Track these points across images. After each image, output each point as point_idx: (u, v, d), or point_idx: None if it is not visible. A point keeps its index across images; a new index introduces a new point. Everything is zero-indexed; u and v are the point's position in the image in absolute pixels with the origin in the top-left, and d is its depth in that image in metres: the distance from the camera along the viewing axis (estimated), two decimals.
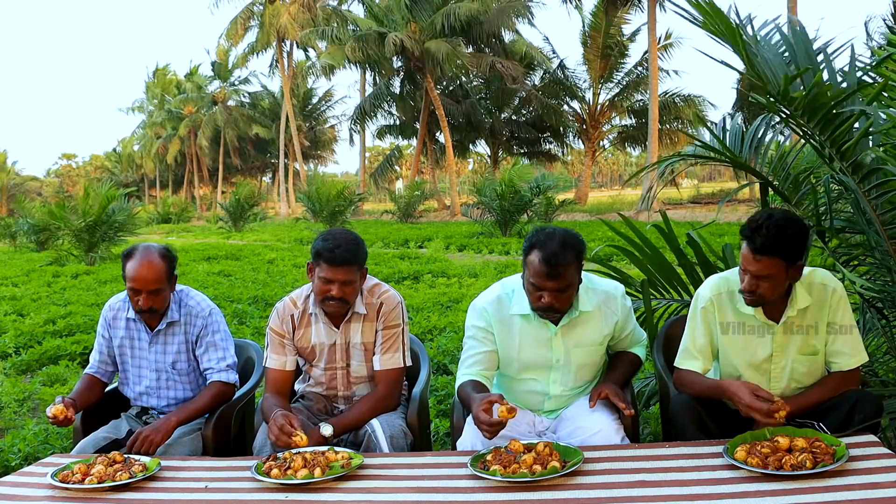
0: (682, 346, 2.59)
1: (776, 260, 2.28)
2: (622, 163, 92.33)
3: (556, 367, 2.64)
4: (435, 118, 31.89)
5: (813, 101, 2.61)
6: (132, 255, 2.84)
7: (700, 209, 24.03)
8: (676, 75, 60.41)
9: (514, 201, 18.99)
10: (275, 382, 2.79)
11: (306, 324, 2.81)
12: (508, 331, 2.63)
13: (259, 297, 8.94)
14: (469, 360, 2.65)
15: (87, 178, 67.05)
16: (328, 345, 2.80)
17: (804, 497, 1.84)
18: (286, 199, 44.78)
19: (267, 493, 2.14)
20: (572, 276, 2.47)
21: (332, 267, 2.60)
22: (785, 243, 2.27)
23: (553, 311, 2.52)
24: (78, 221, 15.34)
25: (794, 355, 2.46)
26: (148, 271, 2.78)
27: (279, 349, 2.81)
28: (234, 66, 48.57)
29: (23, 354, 6.42)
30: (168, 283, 2.86)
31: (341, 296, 2.64)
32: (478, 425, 2.30)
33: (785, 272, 2.32)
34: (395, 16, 29.50)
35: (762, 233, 2.26)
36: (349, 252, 2.61)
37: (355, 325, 2.79)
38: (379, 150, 64.03)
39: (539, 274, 2.44)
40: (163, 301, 2.86)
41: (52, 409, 2.63)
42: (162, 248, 2.88)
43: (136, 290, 2.80)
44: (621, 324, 2.70)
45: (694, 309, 2.57)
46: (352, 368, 2.82)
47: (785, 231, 2.26)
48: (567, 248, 2.44)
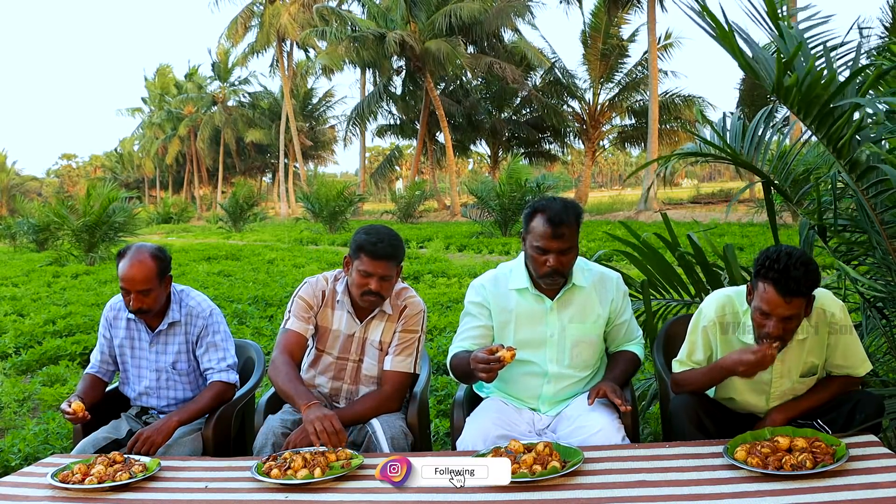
0: (680, 354, 2.58)
1: (803, 298, 2.23)
2: (622, 163, 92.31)
3: (550, 342, 2.66)
4: (435, 118, 31.87)
5: (808, 93, 2.57)
6: (124, 254, 2.84)
7: (700, 209, 24.04)
8: (676, 76, 60.41)
9: (513, 200, 18.99)
10: (291, 345, 2.76)
11: (331, 305, 2.82)
12: (505, 306, 2.68)
13: (259, 297, 8.94)
14: (463, 335, 2.71)
15: (88, 178, 67.10)
16: (346, 335, 2.81)
17: (804, 497, 1.83)
18: (286, 200, 44.78)
19: (267, 493, 2.14)
20: (574, 238, 2.54)
21: (373, 260, 2.63)
22: (813, 281, 2.22)
23: (558, 275, 2.56)
24: (78, 221, 15.34)
25: (795, 377, 2.44)
26: (137, 271, 2.78)
27: (304, 315, 2.80)
28: (233, 66, 48.55)
29: (23, 354, 6.42)
30: (159, 283, 2.84)
31: (378, 290, 2.66)
32: (475, 367, 2.33)
33: (805, 307, 2.28)
34: (395, 15, 29.49)
35: (793, 274, 2.17)
36: (391, 247, 2.66)
37: (377, 323, 2.80)
38: (379, 150, 64.10)
39: (544, 235, 2.50)
40: (154, 301, 2.84)
41: (72, 404, 2.64)
42: (154, 248, 2.87)
43: (126, 291, 2.81)
44: (617, 306, 2.72)
45: (695, 325, 2.54)
46: (364, 365, 2.83)
47: (809, 268, 2.20)
48: (569, 210, 2.53)
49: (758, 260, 2.28)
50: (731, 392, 2.54)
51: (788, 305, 2.20)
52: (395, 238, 2.69)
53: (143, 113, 58.97)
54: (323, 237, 21.85)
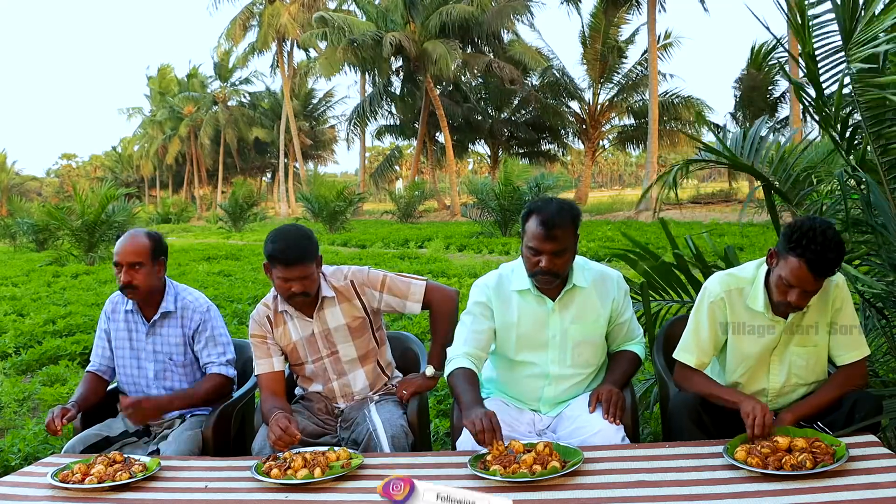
0: (683, 338, 2.58)
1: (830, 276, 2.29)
2: (622, 163, 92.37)
3: (552, 343, 2.65)
4: (435, 118, 31.87)
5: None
6: (121, 236, 2.94)
7: (700, 209, 24.01)
8: (674, 78, 60.35)
9: (512, 200, 18.99)
10: (268, 384, 2.79)
11: (282, 322, 2.83)
12: (507, 306, 2.68)
13: (259, 297, 8.92)
14: (462, 337, 2.68)
15: (88, 178, 67.13)
16: (307, 337, 2.82)
17: (804, 497, 1.83)
18: (286, 199, 44.78)
19: (267, 493, 2.14)
20: (568, 241, 2.53)
21: (286, 267, 2.64)
22: (842, 260, 2.25)
23: (551, 276, 2.55)
24: (77, 221, 15.33)
25: (793, 348, 2.47)
26: (129, 244, 2.85)
27: (263, 352, 2.82)
28: (234, 66, 48.55)
29: (23, 354, 6.42)
30: (151, 262, 2.87)
31: (303, 290, 2.67)
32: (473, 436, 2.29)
33: None
34: (394, 16, 29.47)
35: (829, 257, 2.18)
36: (300, 249, 2.64)
37: (330, 311, 2.81)
38: (379, 150, 64.00)
39: (537, 237, 2.50)
40: (144, 279, 2.86)
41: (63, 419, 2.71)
42: (150, 231, 2.97)
43: (118, 265, 2.85)
44: (618, 305, 2.71)
45: (700, 302, 2.55)
46: (340, 353, 2.84)
47: (841, 248, 2.22)
48: (564, 212, 2.52)
49: (792, 233, 2.24)
50: (733, 364, 2.53)
51: (817, 283, 2.26)
52: (302, 239, 2.67)
53: (143, 112, 58.98)
54: (323, 237, 21.83)
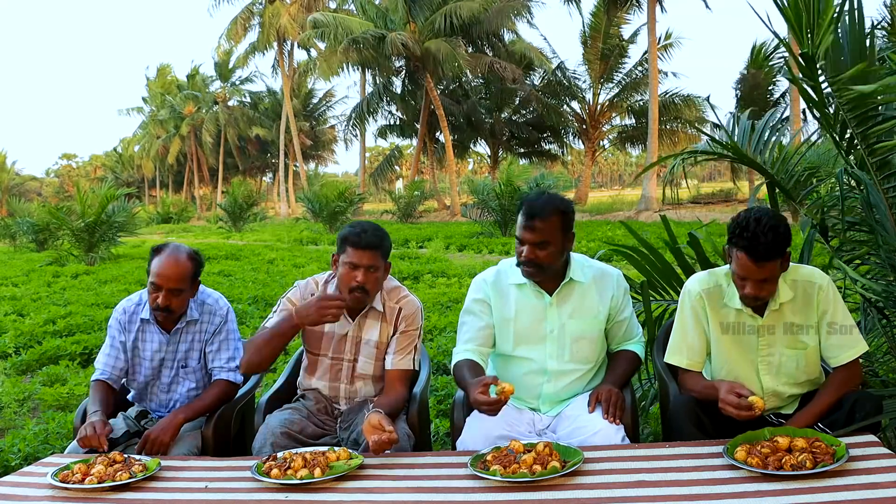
0: (670, 342, 2.62)
1: (776, 261, 2.32)
2: (622, 163, 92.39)
3: (550, 337, 2.67)
4: (435, 118, 31.85)
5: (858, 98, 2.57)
6: (161, 250, 2.84)
7: (700, 209, 24.01)
8: (675, 77, 60.36)
9: (513, 200, 18.98)
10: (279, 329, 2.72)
11: None
12: (505, 301, 2.70)
13: (259, 297, 8.94)
14: (465, 335, 2.71)
15: (89, 178, 67.13)
16: (339, 335, 2.82)
17: (804, 497, 1.83)
18: (286, 199, 44.78)
19: (267, 493, 2.14)
20: (551, 233, 2.54)
21: (357, 250, 2.65)
22: (783, 243, 2.31)
23: (532, 266, 2.57)
24: (77, 221, 15.33)
25: (782, 349, 2.48)
26: (173, 269, 2.79)
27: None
28: (234, 65, 48.56)
29: (23, 354, 6.43)
30: (190, 286, 2.86)
31: (364, 282, 2.66)
32: (477, 407, 2.34)
33: (779, 267, 2.36)
34: (394, 15, 29.45)
35: (762, 241, 2.27)
36: (375, 237, 2.68)
37: (371, 322, 2.81)
38: (379, 150, 64.05)
39: (520, 226, 2.56)
40: (181, 304, 2.85)
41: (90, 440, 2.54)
42: (191, 251, 2.89)
43: (157, 287, 2.80)
44: (617, 303, 2.72)
45: (682, 303, 2.59)
46: (358, 364, 2.83)
47: (778, 231, 2.29)
48: (549, 205, 2.54)
49: (730, 227, 2.36)
50: (721, 364, 2.56)
51: (761, 269, 2.31)
52: (379, 230, 2.73)
53: (143, 112, 58.99)
54: (323, 237, 21.85)
